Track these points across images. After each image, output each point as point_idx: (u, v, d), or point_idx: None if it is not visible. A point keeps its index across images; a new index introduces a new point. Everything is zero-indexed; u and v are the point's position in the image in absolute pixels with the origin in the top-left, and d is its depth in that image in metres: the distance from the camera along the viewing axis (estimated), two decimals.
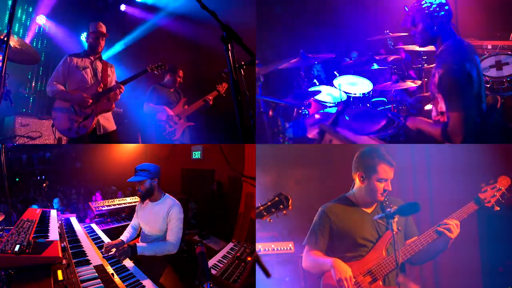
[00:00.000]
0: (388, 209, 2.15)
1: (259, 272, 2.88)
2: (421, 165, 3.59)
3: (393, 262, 2.30)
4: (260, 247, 3.27)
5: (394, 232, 2.14)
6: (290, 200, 2.20)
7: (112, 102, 3.86)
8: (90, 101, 3.69)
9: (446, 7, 2.72)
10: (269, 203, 2.19)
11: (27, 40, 5.37)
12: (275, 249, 3.28)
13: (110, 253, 2.75)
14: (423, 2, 2.74)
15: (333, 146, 3.17)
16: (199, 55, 5.88)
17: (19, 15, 5.30)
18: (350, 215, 2.46)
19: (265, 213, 2.17)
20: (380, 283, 2.32)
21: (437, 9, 2.70)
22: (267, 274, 1.63)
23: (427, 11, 2.71)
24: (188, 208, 4.67)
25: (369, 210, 2.48)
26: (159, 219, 2.94)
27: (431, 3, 2.71)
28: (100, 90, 3.78)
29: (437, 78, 2.72)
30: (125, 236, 3.20)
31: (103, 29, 3.87)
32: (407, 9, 2.87)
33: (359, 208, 2.48)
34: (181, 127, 4.66)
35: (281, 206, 2.17)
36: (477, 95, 2.63)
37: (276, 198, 2.19)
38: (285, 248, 3.29)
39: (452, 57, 2.64)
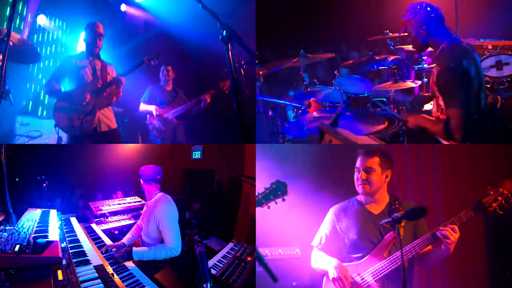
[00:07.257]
0: (396, 214, 2.13)
1: (259, 272, 2.89)
2: (427, 166, 3.57)
3: (393, 263, 2.31)
4: (267, 251, 3.24)
5: (401, 237, 2.09)
6: (288, 186, 2.23)
7: (114, 96, 3.88)
8: (88, 96, 3.71)
9: (433, 15, 2.74)
10: (267, 191, 2.21)
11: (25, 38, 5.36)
12: (282, 253, 3.26)
13: (110, 253, 2.75)
14: (405, 17, 2.81)
15: (334, 146, 3.18)
16: (199, 55, 5.87)
17: (19, 12, 5.29)
18: (355, 215, 2.48)
19: (263, 201, 2.20)
20: (379, 284, 2.32)
21: (422, 19, 2.75)
22: (274, 278, 1.63)
23: (412, 23, 2.79)
24: (192, 208, 4.67)
25: (375, 212, 2.48)
26: (150, 220, 2.91)
27: (414, 15, 2.77)
28: (100, 86, 3.81)
29: (435, 76, 2.75)
30: (127, 238, 3.19)
31: (101, 29, 3.88)
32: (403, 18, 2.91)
33: (366, 209, 2.50)
34: (171, 126, 4.67)
35: (279, 192, 2.20)
36: (477, 92, 2.65)
37: (274, 186, 2.22)
38: (292, 253, 3.27)
39: (449, 56, 2.67)
